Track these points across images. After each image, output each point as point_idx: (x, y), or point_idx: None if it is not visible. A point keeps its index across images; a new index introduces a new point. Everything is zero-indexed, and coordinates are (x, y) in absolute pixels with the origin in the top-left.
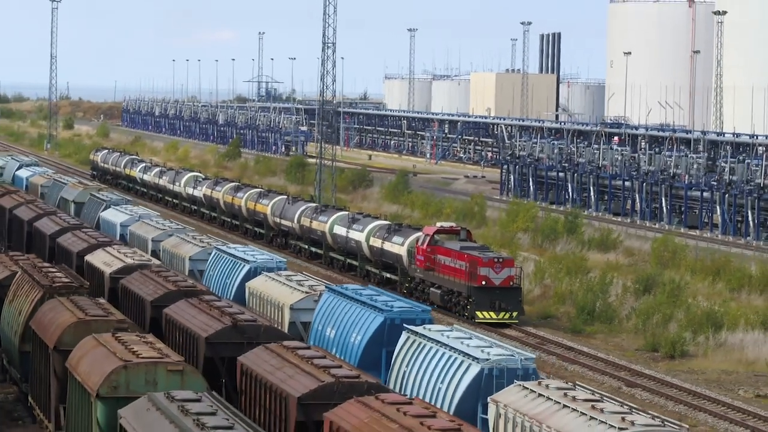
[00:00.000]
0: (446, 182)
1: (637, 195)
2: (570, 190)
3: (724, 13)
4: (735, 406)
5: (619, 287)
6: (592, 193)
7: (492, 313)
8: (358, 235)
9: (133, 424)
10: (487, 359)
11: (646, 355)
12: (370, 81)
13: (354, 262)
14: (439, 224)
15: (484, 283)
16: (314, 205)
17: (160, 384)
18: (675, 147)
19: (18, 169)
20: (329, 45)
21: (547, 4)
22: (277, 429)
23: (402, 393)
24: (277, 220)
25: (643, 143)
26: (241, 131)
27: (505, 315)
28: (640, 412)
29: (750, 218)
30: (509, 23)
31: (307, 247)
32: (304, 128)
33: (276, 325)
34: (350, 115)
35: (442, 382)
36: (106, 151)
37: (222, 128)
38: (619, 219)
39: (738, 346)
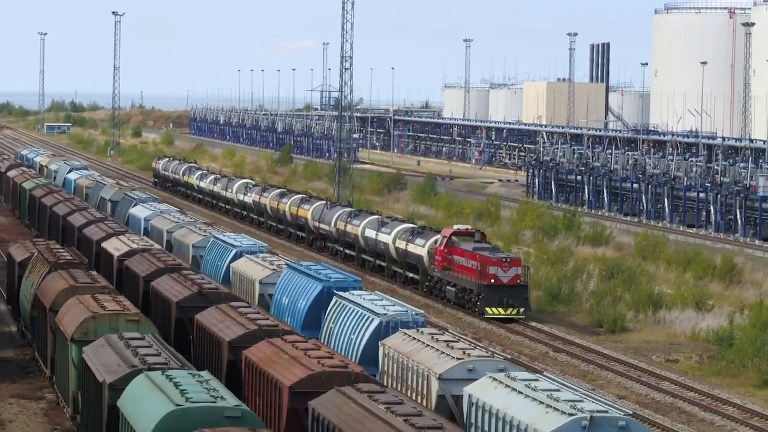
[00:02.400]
0: (482, 186)
1: (644, 196)
2: (587, 192)
3: (752, 24)
4: (638, 367)
5: (592, 274)
6: (605, 195)
7: (500, 309)
8: (385, 238)
9: (91, 357)
10: (386, 314)
11: (591, 330)
12: (432, 90)
13: (383, 264)
14: (455, 226)
15: (493, 281)
16: (349, 209)
17: (121, 330)
18: (679, 152)
19: (69, 172)
20: (347, 58)
21: (606, 15)
22: (216, 366)
23: (327, 343)
24: (317, 224)
25: (670, 149)
26: (298, 138)
27: (512, 311)
28: (481, 348)
29: (738, 216)
30: (565, 33)
31: (342, 249)
32: (356, 135)
33: (248, 298)
34: (404, 123)
35: (354, 334)
36: (167, 159)
37: (281, 135)
38: (628, 218)
39: (672, 322)
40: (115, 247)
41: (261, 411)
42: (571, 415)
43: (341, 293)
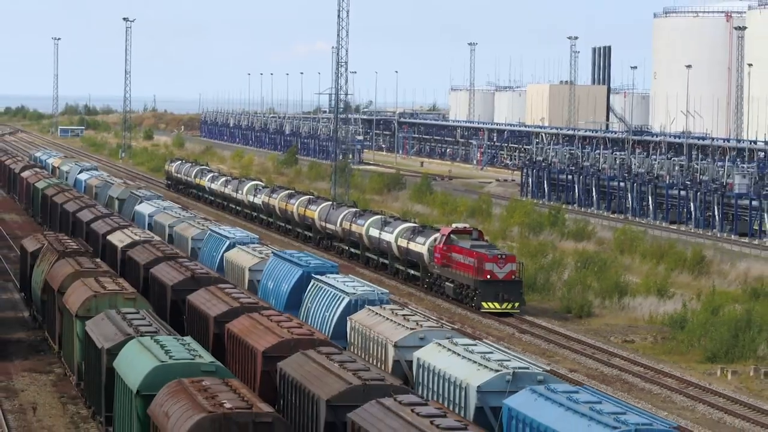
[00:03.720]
0: (480, 186)
1: (629, 194)
2: (576, 190)
3: (745, 28)
4: (595, 346)
5: (569, 266)
6: (594, 193)
7: (496, 304)
8: (388, 237)
9: (93, 329)
10: (354, 293)
11: (561, 315)
12: (439, 92)
13: (386, 261)
14: (454, 225)
15: (489, 276)
16: (354, 209)
17: (119, 306)
18: (663, 152)
19: (79, 173)
20: (342, 63)
21: (609, 18)
22: (204, 339)
23: (305, 321)
24: (323, 224)
25: (653, 149)
26: (305, 140)
27: (507, 305)
28: (434, 320)
29: (716, 213)
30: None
31: (347, 248)
32: (360, 137)
33: (240, 284)
34: (409, 125)
35: (327, 311)
36: (180, 161)
37: (288, 138)
38: (615, 215)
39: (635, 308)
40: (119, 239)
41: (240, 375)
42: (497, 371)
43: (318, 276)
